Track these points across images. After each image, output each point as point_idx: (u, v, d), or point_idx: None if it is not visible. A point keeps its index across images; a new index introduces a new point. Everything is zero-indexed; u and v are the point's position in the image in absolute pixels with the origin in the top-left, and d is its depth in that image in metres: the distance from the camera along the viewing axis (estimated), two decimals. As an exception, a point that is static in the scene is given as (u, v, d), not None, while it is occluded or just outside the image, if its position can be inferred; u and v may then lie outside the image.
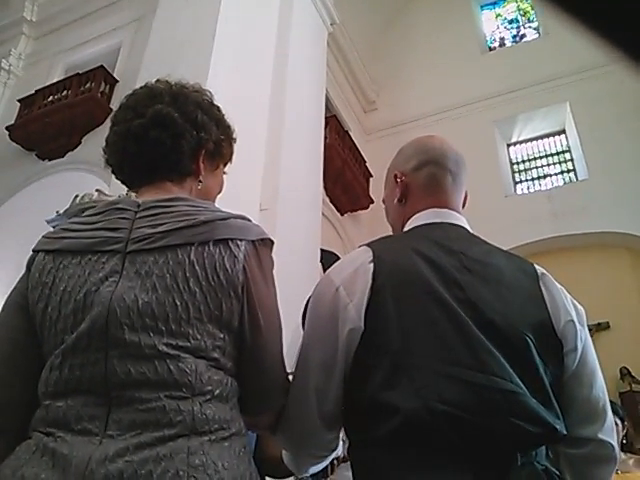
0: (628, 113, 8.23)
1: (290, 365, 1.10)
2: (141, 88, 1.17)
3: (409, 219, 1.23)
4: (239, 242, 0.98)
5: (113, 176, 1.19)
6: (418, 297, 1.01)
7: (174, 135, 1.10)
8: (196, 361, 0.90)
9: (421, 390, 0.91)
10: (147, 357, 0.88)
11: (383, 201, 1.38)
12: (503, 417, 0.90)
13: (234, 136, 1.26)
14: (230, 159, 1.27)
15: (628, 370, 7.05)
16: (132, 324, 0.89)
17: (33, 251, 1.02)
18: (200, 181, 1.16)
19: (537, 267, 1.14)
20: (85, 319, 0.90)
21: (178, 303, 0.91)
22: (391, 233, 1.32)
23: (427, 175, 1.24)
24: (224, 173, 1.27)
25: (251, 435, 2.30)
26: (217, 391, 0.91)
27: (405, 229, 1.23)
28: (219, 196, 1.27)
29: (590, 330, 1.13)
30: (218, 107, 1.22)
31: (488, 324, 0.98)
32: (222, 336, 0.94)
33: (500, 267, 1.09)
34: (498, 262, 1.11)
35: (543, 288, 1.09)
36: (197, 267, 0.93)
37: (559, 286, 1.12)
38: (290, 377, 1.11)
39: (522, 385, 0.93)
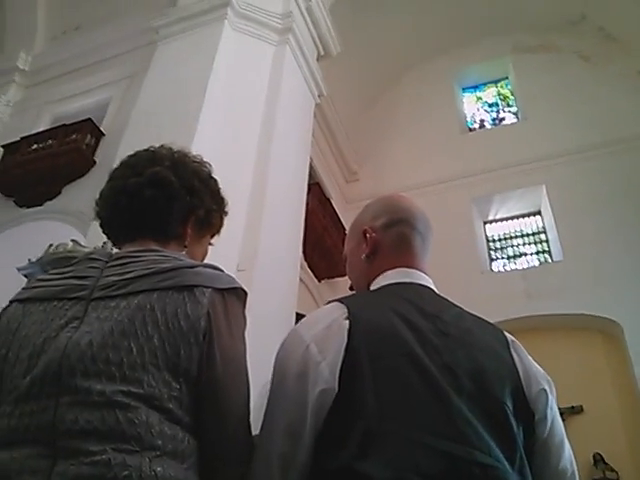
0: (602, 198, 8.48)
1: (256, 429, 1.02)
2: (145, 151, 1.21)
3: (377, 277, 1.20)
4: (205, 289, 0.96)
5: (90, 227, 1.22)
6: (396, 359, 0.95)
7: (168, 197, 1.12)
8: (148, 412, 0.85)
9: (395, 460, 0.85)
10: (96, 405, 0.83)
11: (344, 256, 1.36)
12: None
13: (226, 209, 1.28)
14: (219, 231, 1.29)
15: (601, 456, 6.80)
16: (85, 369, 0.85)
17: (9, 302, 1.02)
18: (185, 246, 1.17)
19: (506, 333, 1.12)
20: (39, 364, 0.87)
21: (133, 347, 0.87)
22: None
23: (397, 234, 1.23)
24: (210, 244, 1.28)
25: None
26: (169, 446, 0.85)
27: (373, 287, 1.19)
28: None
29: (563, 414, 1.11)
30: (215, 180, 1.25)
31: (467, 392, 0.94)
32: (179, 386, 0.90)
33: (473, 331, 1.07)
34: (471, 326, 1.09)
35: (515, 355, 1.07)
36: (157, 312, 0.91)
37: (528, 354, 1.10)
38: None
39: (501, 457, 0.89)
